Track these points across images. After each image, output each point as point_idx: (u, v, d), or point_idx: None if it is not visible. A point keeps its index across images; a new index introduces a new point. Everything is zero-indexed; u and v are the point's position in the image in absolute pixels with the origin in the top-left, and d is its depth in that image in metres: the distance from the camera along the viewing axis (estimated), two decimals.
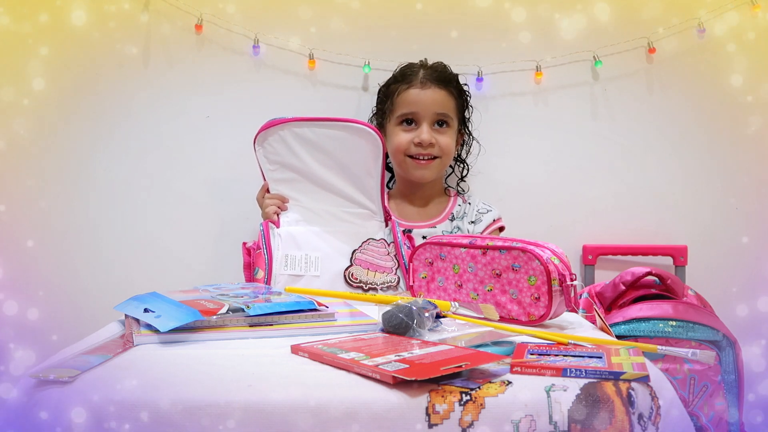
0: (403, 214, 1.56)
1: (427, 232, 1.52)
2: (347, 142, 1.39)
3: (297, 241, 1.36)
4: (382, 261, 1.38)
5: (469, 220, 1.53)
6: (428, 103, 1.49)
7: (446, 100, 1.51)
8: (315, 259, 1.35)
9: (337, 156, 1.40)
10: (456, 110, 1.53)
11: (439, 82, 1.51)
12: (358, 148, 1.39)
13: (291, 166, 1.41)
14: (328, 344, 0.82)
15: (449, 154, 1.53)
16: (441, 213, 1.55)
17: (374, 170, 1.41)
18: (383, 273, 1.36)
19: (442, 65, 1.55)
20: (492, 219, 1.54)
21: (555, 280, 0.99)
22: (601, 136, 1.66)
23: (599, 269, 1.67)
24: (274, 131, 1.39)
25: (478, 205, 1.56)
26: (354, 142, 1.39)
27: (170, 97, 1.64)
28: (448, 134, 1.51)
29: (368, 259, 1.37)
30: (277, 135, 1.39)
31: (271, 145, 1.40)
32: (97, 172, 1.64)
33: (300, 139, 1.39)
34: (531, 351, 0.81)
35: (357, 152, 1.40)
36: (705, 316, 1.35)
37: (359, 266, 1.36)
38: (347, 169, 1.41)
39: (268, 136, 1.39)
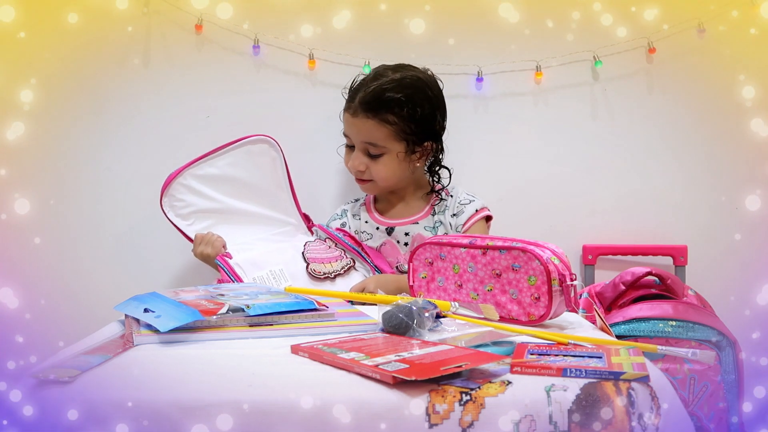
0: (386, 213, 1.56)
1: (410, 229, 1.51)
2: (249, 161, 1.45)
3: (256, 263, 1.40)
4: (329, 253, 1.45)
5: (451, 212, 1.51)
6: (355, 133, 1.46)
7: (375, 129, 1.42)
8: (280, 271, 1.39)
9: (243, 179, 1.46)
10: (394, 136, 1.43)
11: (368, 111, 1.42)
12: (260, 162, 1.47)
13: (205, 210, 1.45)
14: (328, 344, 0.82)
15: (385, 179, 1.47)
16: (423, 209, 1.54)
17: (282, 179, 1.48)
18: (338, 261, 1.42)
19: (383, 86, 1.42)
20: (474, 209, 1.50)
21: (555, 280, 0.99)
22: (601, 137, 1.66)
23: (599, 269, 1.67)
24: (175, 183, 1.43)
25: (460, 197, 1.53)
26: (255, 157, 1.46)
27: (170, 97, 1.64)
28: (381, 161, 1.45)
29: (317, 255, 1.44)
30: (178, 185, 1.44)
31: (177, 198, 1.44)
32: (97, 172, 1.64)
33: (202, 179, 1.44)
34: (531, 351, 0.81)
35: (261, 167, 1.46)
36: (705, 316, 1.35)
37: (315, 262, 1.42)
38: (258, 190, 1.47)
39: (170, 191, 1.43)
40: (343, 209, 1.59)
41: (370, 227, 1.54)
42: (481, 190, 1.58)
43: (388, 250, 1.51)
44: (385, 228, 1.53)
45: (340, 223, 1.57)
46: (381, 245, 1.52)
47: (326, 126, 1.63)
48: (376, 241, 1.52)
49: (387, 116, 1.42)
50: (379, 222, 1.54)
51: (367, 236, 1.54)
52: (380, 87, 1.43)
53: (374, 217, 1.55)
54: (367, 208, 1.58)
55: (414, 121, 1.43)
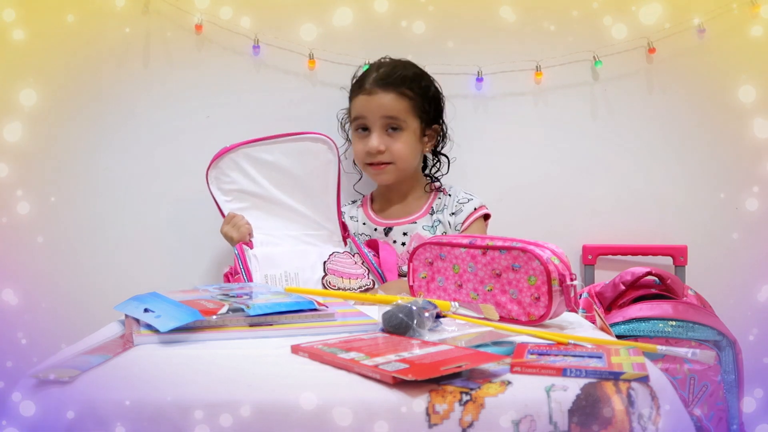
0: (384, 213, 1.56)
1: (408, 229, 1.51)
2: (303, 156, 1.43)
3: (274, 260, 1.37)
4: (352, 269, 1.41)
5: (449, 211, 1.52)
6: (375, 109, 1.47)
7: (395, 103, 1.46)
8: (295, 275, 1.37)
9: (293, 173, 1.43)
10: (412, 110, 1.47)
11: (386, 85, 1.46)
12: (314, 160, 1.44)
13: (247, 191, 1.42)
14: (328, 344, 0.82)
15: (404, 158, 1.48)
16: (421, 208, 1.54)
17: (331, 183, 1.45)
18: (357, 279, 1.39)
19: (394, 65, 1.50)
20: (473, 208, 1.51)
21: (555, 280, 0.99)
22: (601, 136, 1.66)
23: (599, 269, 1.67)
24: (227, 156, 1.41)
25: (458, 196, 1.53)
26: (310, 153, 1.43)
27: (170, 97, 1.64)
28: (401, 139, 1.47)
29: (339, 268, 1.40)
30: (230, 160, 1.41)
31: (225, 172, 1.41)
32: (97, 171, 1.64)
33: (254, 160, 1.42)
34: (531, 351, 0.81)
35: (314, 164, 1.44)
36: (705, 316, 1.35)
37: (333, 275, 1.39)
38: (304, 186, 1.44)
39: (220, 163, 1.41)
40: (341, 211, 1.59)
41: (367, 228, 1.54)
42: (481, 190, 1.58)
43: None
44: (383, 228, 1.53)
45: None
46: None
47: (326, 126, 1.63)
48: None
49: (404, 90, 1.47)
50: (377, 222, 1.54)
51: (364, 237, 1.54)
52: (392, 67, 1.49)
53: (371, 217, 1.55)
54: (365, 208, 1.58)
55: (427, 98, 1.50)
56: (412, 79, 1.48)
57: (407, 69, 1.49)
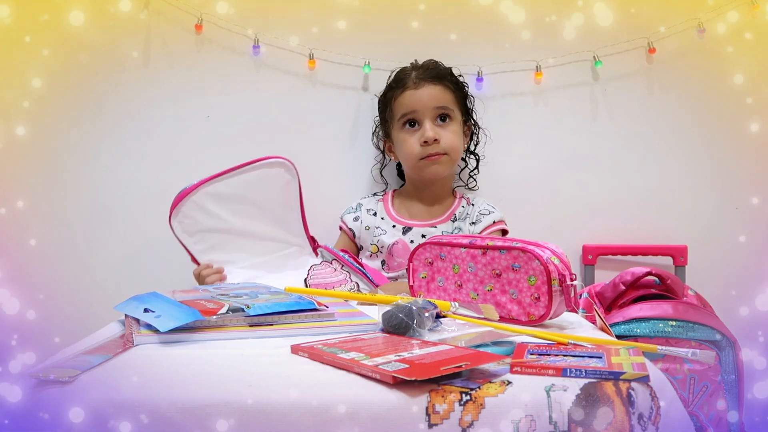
0: (407, 212, 1.56)
1: (427, 231, 1.52)
2: (263, 182, 1.43)
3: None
4: (333, 277, 1.40)
5: (470, 221, 1.53)
6: (425, 100, 1.50)
7: (442, 93, 1.51)
8: None
9: (255, 201, 1.43)
10: (456, 102, 1.53)
11: (432, 78, 1.51)
12: (274, 184, 1.44)
13: (212, 230, 1.41)
14: (328, 344, 0.82)
15: (456, 148, 1.52)
16: (444, 213, 1.55)
17: (293, 200, 1.46)
18: (341, 286, 1.39)
19: (432, 62, 1.55)
20: (492, 221, 1.52)
21: (555, 280, 0.99)
22: (601, 136, 1.66)
23: (599, 269, 1.67)
24: (187, 200, 1.40)
25: (480, 206, 1.55)
26: (268, 178, 1.43)
27: (170, 97, 1.64)
28: (451, 128, 1.51)
29: (321, 281, 1.40)
30: (190, 203, 1.40)
31: (187, 215, 1.40)
32: (97, 172, 1.64)
33: (214, 198, 1.41)
34: (531, 351, 0.81)
35: (274, 188, 1.44)
36: (705, 316, 1.35)
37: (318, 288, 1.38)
38: (267, 210, 1.44)
39: (181, 208, 1.40)
40: (358, 203, 1.60)
41: (386, 224, 1.55)
42: (481, 190, 1.59)
43: (399, 249, 1.51)
44: (402, 227, 1.53)
45: (353, 217, 1.58)
46: (393, 244, 1.52)
47: (326, 126, 1.63)
48: (390, 238, 1.53)
49: (448, 83, 1.53)
50: (396, 220, 1.55)
51: (381, 232, 1.54)
52: (432, 63, 1.55)
53: (391, 213, 1.56)
54: (385, 204, 1.58)
55: (464, 94, 1.57)
56: (451, 74, 1.55)
57: (442, 67, 1.55)
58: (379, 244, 1.53)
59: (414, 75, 1.52)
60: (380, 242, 1.53)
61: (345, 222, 1.59)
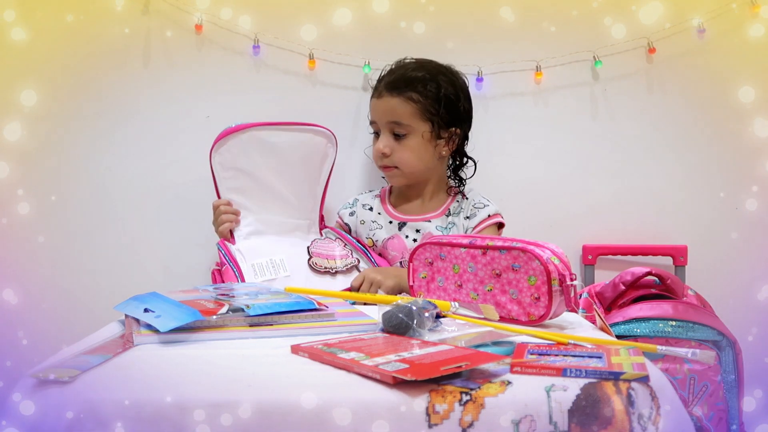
0: (401, 207, 1.56)
1: (421, 226, 1.52)
2: (304, 145, 1.47)
3: (258, 251, 1.41)
4: (335, 251, 1.46)
5: (464, 215, 1.52)
6: (381, 114, 1.48)
7: (400, 107, 1.44)
8: (280, 261, 1.40)
9: (290, 160, 1.46)
10: (419, 114, 1.44)
11: (392, 90, 1.45)
12: (314, 152, 1.49)
13: (245, 172, 1.45)
14: (328, 344, 0.82)
15: (408, 164, 1.47)
16: (438, 208, 1.54)
17: (323, 176, 1.52)
18: (342, 258, 1.44)
19: (405, 67, 1.49)
20: (487, 214, 1.50)
21: (555, 280, 0.99)
22: (601, 136, 1.66)
23: (599, 269, 1.67)
24: (236, 135, 1.44)
25: (474, 200, 1.53)
26: (310, 144, 1.47)
27: (170, 97, 1.64)
28: (406, 144, 1.46)
29: (322, 252, 1.45)
30: (238, 139, 1.44)
31: (230, 150, 1.43)
32: (97, 171, 1.64)
33: (259, 143, 1.44)
34: (531, 351, 0.81)
35: (311, 155, 1.48)
36: (705, 316, 1.35)
37: (318, 257, 1.43)
38: (298, 175, 1.48)
39: (228, 141, 1.43)
40: (355, 198, 1.61)
41: (382, 219, 1.55)
42: (481, 190, 1.58)
43: (395, 244, 1.52)
44: (398, 222, 1.53)
45: (349, 212, 1.59)
46: (389, 238, 1.52)
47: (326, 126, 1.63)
48: (386, 233, 1.53)
49: (411, 94, 1.45)
50: (392, 215, 1.55)
51: (377, 226, 1.54)
52: (404, 69, 1.49)
53: (388, 209, 1.56)
54: (382, 200, 1.59)
55: (438, 100, 1.45)
56: (425, 80, 1.45)
57: (422, 70, 1.47)
58: (375, 238, 1.54)
59: (383, 82, 1.48)
60: (376, 237, 1.53)
61: (341, 217, 1.60)
